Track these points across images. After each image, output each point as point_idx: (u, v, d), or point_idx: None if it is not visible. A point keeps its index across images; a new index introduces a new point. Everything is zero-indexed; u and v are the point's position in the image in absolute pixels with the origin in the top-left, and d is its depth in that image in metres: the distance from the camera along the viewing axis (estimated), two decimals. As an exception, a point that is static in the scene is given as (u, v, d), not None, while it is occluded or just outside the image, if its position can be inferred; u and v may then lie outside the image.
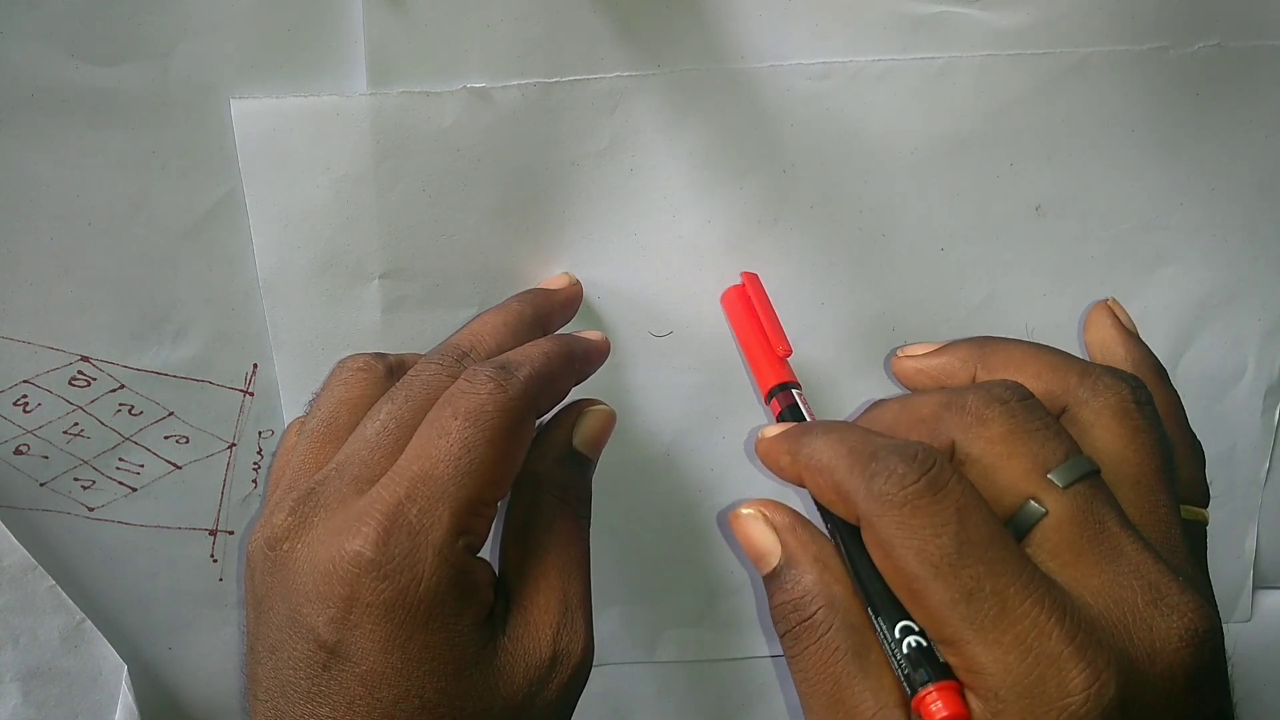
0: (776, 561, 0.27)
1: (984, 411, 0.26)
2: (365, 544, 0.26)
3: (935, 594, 0.23)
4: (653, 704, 0.46)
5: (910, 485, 0.23)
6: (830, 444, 0.26)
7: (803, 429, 0.28)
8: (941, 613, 0.23)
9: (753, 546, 0.27)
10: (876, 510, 0.24)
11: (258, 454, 0.40)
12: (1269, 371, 0.40)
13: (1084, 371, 0.28)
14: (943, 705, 0.23)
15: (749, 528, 0.28)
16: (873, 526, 0.24)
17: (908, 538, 0.23)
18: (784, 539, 0.27)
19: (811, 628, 0.25)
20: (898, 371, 0.33)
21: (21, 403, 0.37)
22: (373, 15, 0.32)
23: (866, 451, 0.25)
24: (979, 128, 0.35)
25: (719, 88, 0.34)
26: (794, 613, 0.26)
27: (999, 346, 0.31)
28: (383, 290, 0.36)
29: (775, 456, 0.28)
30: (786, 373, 0.33)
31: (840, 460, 0.25)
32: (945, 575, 0.23)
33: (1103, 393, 0.28)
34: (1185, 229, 0.37)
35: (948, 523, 0.23)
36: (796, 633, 0.26)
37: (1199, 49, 0.34)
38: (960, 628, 0.22)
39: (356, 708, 0.26)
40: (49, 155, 0.33)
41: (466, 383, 0.28)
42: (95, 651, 0.41)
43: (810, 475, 0.26)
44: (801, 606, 0.26)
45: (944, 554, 0.23)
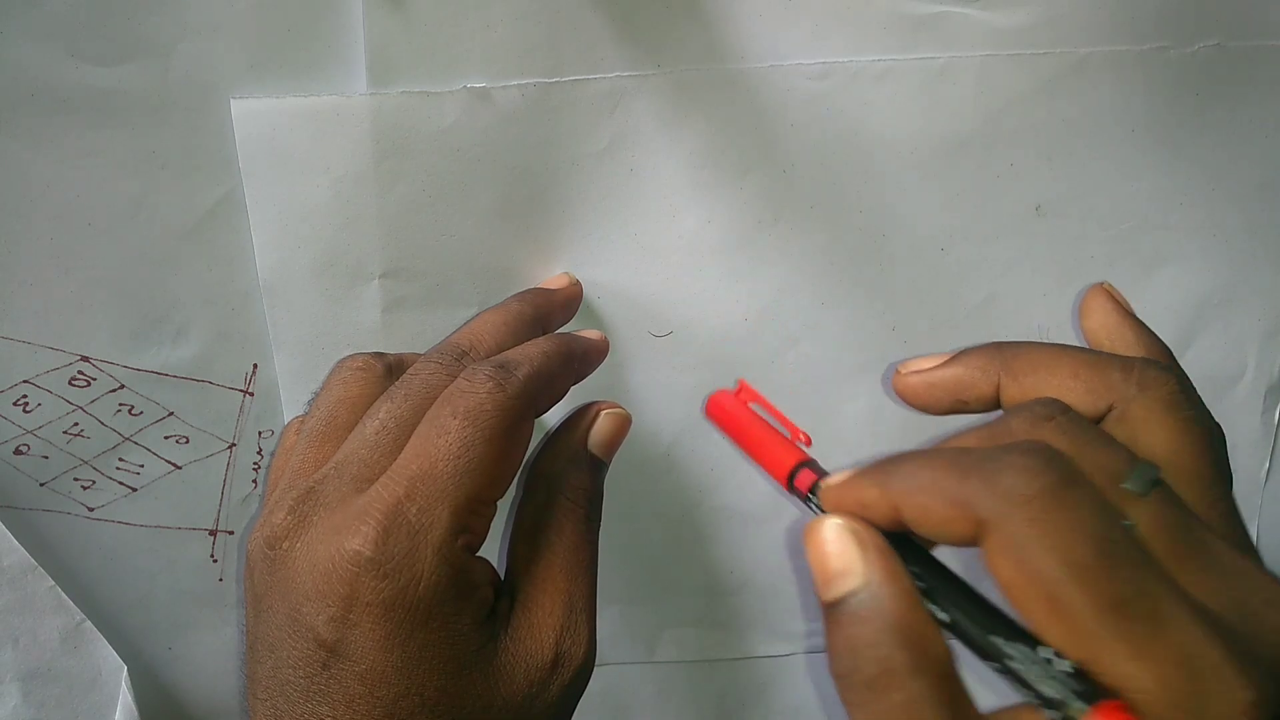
0: (854, 584, 0.22)
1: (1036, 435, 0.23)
2: (364, 543, 0.26)
3: (1081, 602, 0.20)
4: (653, 704, 0.46)
5: (1043, 478, 0.21)
6: (929, 461, 0.23)
7: (882, 462, 0.24)
8: (1088, 624, 0.20)
9: (829, 562, 0.23)
10: (1004, 510, 0.21)
11: (258, 454, 0.40)
12: (1269, 371, 0.40)
13: (1125, 367, 0.26)
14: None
15: (832, 539, 0.23)
16: (1001, 530, 0.21)
17: (1047, 537, 0.20)
18: (871, 559, 0.22)
19: (896, 676, 0.21)
20: (904, 389, 0.30)
21: (21, 403, 0.37)
22: (373, 15, 0.32)
23: (976, 456, 0.22)
24: (979, 128, 0.35)
25: (719, 88, 0.34)
26: (871, 650, 0.21)
27: (1022, 351, 0.28)
28: (383, 290, 0.36)
29: (856, 494, 0.24)
30: (802, 452, 0.29)
31: (948, 472, 0.22)
32: (1092, 580, 0.20)
33: (1150, 387, 0.26)
34: (1185, 229, 0.37)
35: (1088, 520, 0.20)
36: (871, 681, 0.21)
37: (1199, 49, 0.34)
38: (1110, 641, 0.20)
39: (356, 706, 0.26)
40: (49, 155, 0.33)
41: (466, 382, 0.28)
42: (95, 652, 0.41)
43: (911, 498, 0.22)
44: (880, 644, 0.21)
45: (1090, 556, 0.20)
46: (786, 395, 0.39)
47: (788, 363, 0.39)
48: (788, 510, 0.41)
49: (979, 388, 0.28)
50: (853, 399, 0.39)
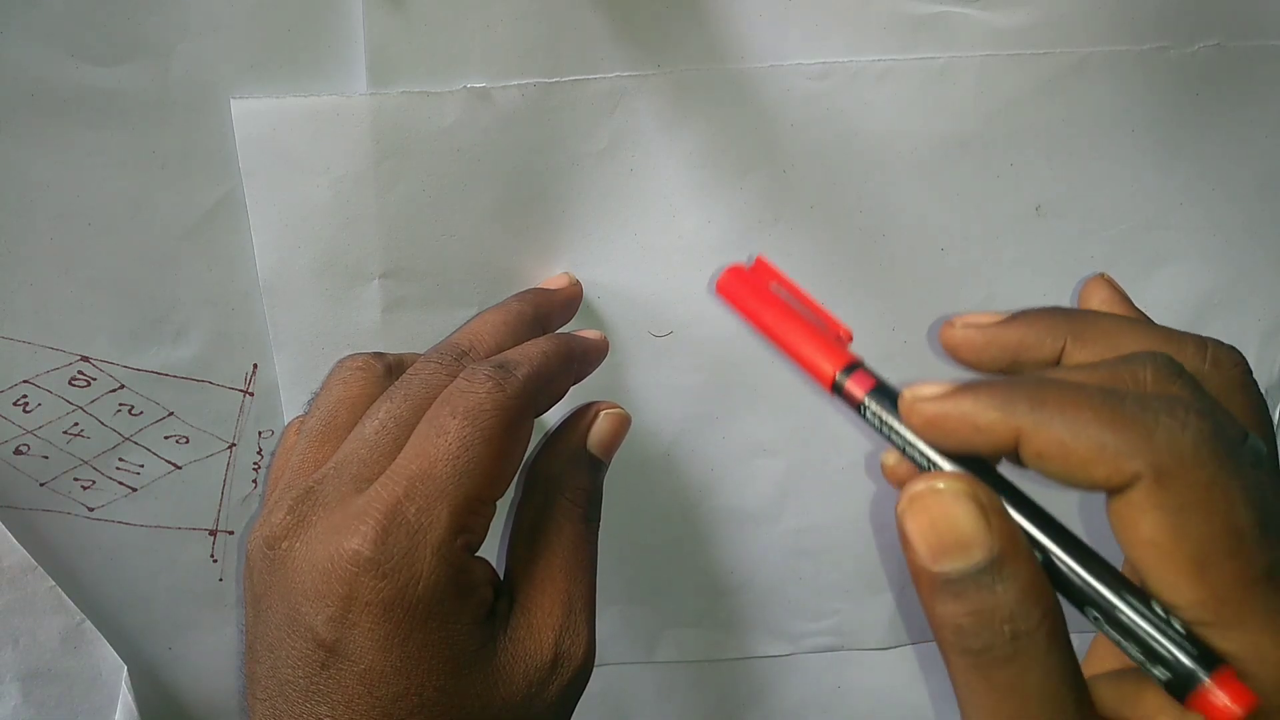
0: (983, 556, 0.21)
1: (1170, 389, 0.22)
2: (364, 542, 0.26)
3: (1232, 568, 0.20)
4: (653, 704, 0.46)
5: (1214, 440, 0.20)
6: (1076, 396, 0.21)
7: (999, 384, 0.22)
8: (1234, 591, 0.20)
9: (950, 531, 0.21)
10: (1169, 466, 0.20)
11: (258, 454, 0.40)
12: (1269, 371, 0.40)
13: (1197, 344, 0.25)
14: (1232, 696, 0.19)
15: (951, 507, 0.21)
16: (1164, 489, 0.20)
17: (1212, 500, 0.20)
18: (995, 524, 0.21)
19: (1034, 643, 0.20)
20: (960, 342, 0.27)
21: (21, 403, 0.37)
22: (373, 15, 0.32)
23: (1133, 404, 0.21)
24: (979, 128, 0.35)
25: (719, 88, 0.34)
26: (1007, 623, 0.20)
27: (1090, 320, 0.26)
28: (383, 290, 0.36)
29: (970, 415, 0.22)
30: (848, 354, 0.26)
31: (1097, 409, 0.21)
32: (1248, 548, 0.20)
33: (1224, 366, 0.25)
34: (1185, 229, 0.37)
35: (1252, 488, 0.20)
36: (1010, 651, 0.20)
37: (1199, 49, 0.34)
38: (1250, 608, 0.19)
39: (355, 706, 0.26)
40: (49, 155, 0.33)
41: (465, 382, 0.28)
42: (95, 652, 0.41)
43: (1047, 430, 0.21)
44: (1020, 616, 0.20)
45: (1249, 523, 0.20)
46: (786, 395, 0.39)
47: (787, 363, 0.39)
48: (788, 510, 0.41)
49: (1042, 350, 0.26)
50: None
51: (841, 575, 0.43)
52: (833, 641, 0.45)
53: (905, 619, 0.44)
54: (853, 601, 0.43)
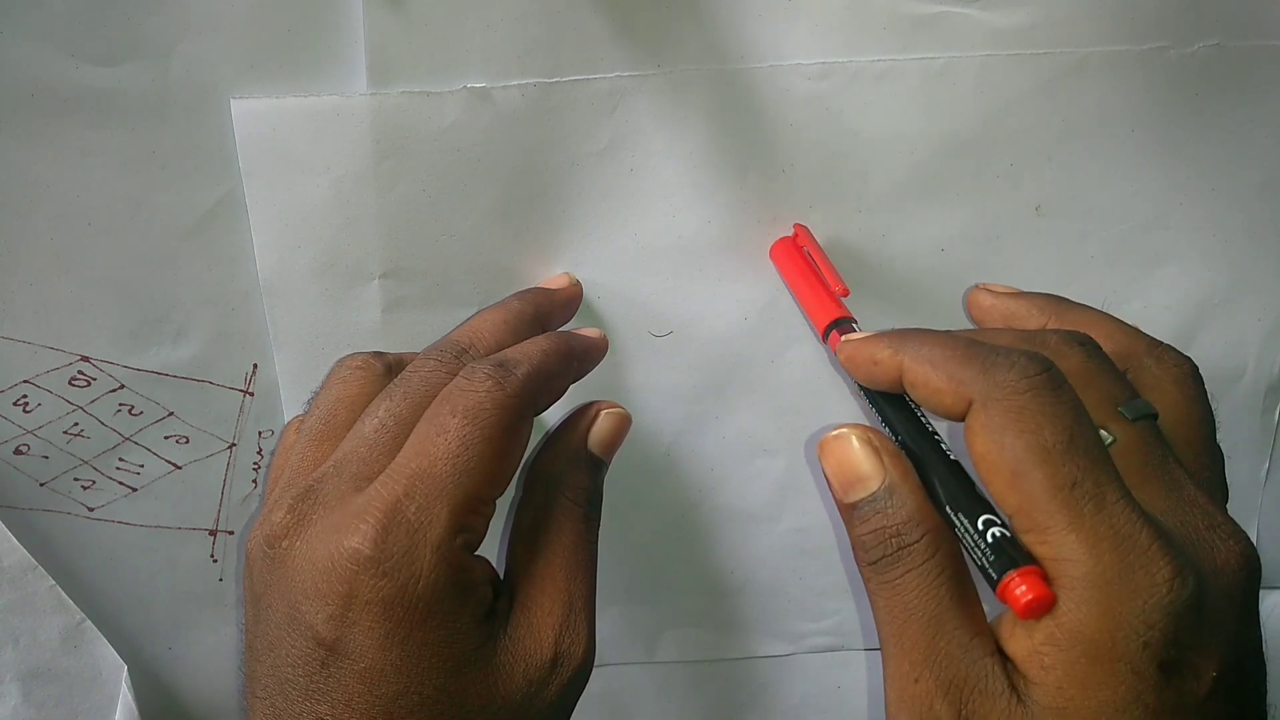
0: (877, 485, 0.27)
1: (1063, 348, 0.28)
2: (364, 541, 0.26)
3: (1039, 481, 0.23)
4: (653, 704, 0.46)
5: (1033, 376, 0.24)
6: (942, 339, 0.27)
7: (902, 330, 0.28)
8: (1041, 499, 0.23)
9: (852, 469, 0.27)
10: (996, 395, 0.24)
11: (258, 454, 0.40)
12: (1269, 371, 0.40)
13: (1152, 344, 0.31)
14: (1028, 589, 0.23)
15: (849, 449, 0.27)
16: (987, 411, 0.25)
17: (1025, 423, 0.24)
18: (887, 462, 0.27)
19: (914, 553, 0.26)
20: (974, 301, 0.35)
21: (21, 403, 0.37)
22: (373, 15, 0.32)
23: (984, 348, 0.26)
24: (979, 128, 0.35)
25: (719, 88, 0.34)
26: (895, 538, 0.26)
27: (1074, 307, 0.33)
28: (383, 290, 0.36)
29: (870, 351, 0.28)
30: (843, 309, 0.33)
31: (955, 352, 0.26)
32: (1053, 463, 0.23)
33: (1167, 363, 0.30)
34: (1185, 229, 0.37)
35: (1063, 416, 0.24)
36: (895, 559, 0.26)
37: (1199, 49, 0.34)
38: (1057, 515, 0.23)
39: (355, 705, 0.26)
40: (49, 155, 0.33)
41: (465, 380, 0.28)
42: (95, 651, 0.41)
43: (916, 365, 0.27)
44: (905, 532, 0.26)
45: (1056, 443, 0.24)
46: (786, 395, 0.39)
47: (788, 363, 0.39)
48: (788, 510, 0.41)
49: (1028, 321, 0.33)
50: (852, 399, 0.39)
51: (841, 575, 0.43)
52: (833, 641, 0.45)
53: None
54: (853, 601, 0.43)
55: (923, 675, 0.25)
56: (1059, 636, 0.23)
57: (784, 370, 0.39)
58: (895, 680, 0.26)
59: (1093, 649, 0.23)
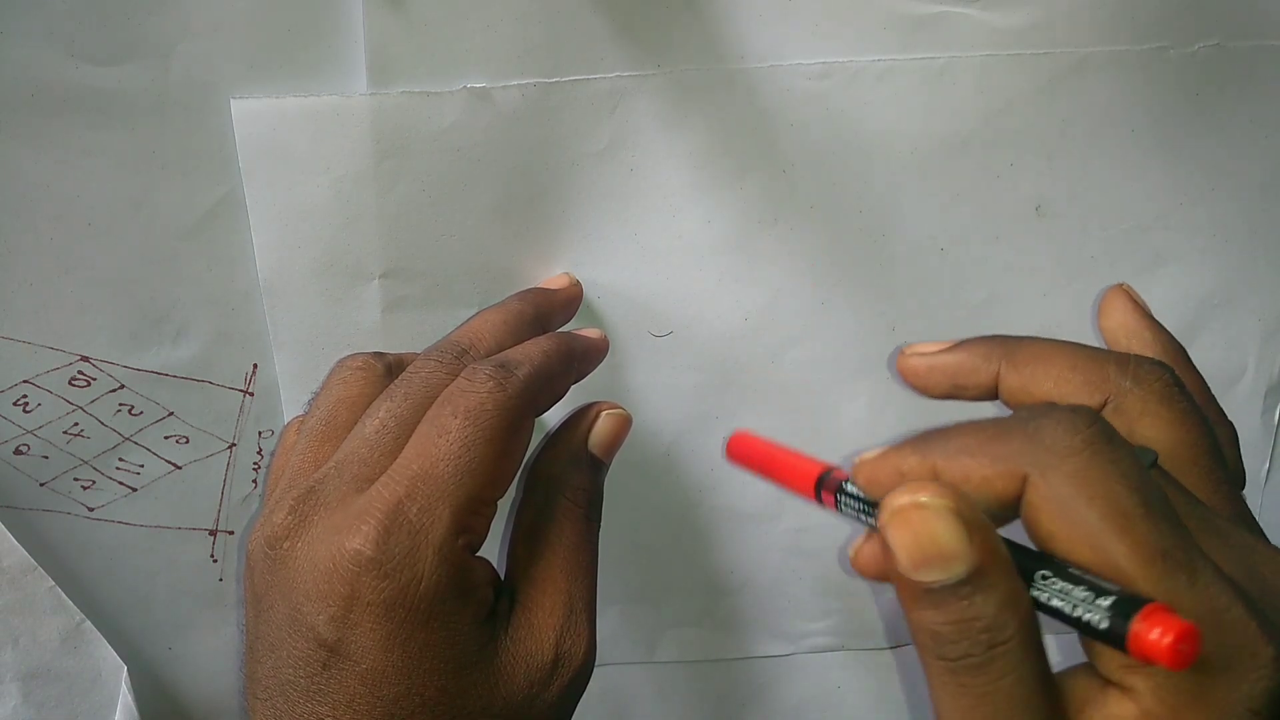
0: (964, 569, 0.21)
1: None
2: (365, 542, 0.26)
3: (1125, 552, 0.20)
4: (653, 704, 0.46)
5: (1086, 431, 0.21)
6: (966, 427, 0.23)
7: (915, 436, 0.24)
8: (1130, 571, 0.20)
9: (934, 546, 0.21)
10: (1050, 462, 0.21)
11: (258, 454, 0.40)
12: (1269, 371, 0.40)
13: (1120, 361, 0.27)
14: (1164, 631, 0.19)
15: (934, 524, 0.21)
16: (1048, 482, 0.21)
17: (1094, 488, 0.21)
18: (977, 539, 0.21)
19: (1009, 654, 0.21)
20: (906, 369, 0.30)
21: (21, 403, 0.37)
22: (373, 15, 0.32)
23: (1016, 418, 0.22)
24: (979, 128, 0.35)
25: (719, 88, 0.34)
26: (985, 633, 0.21)
27: (1024, 344, 0.28)
28: (383, 290, 0.36)
29: (894, 465, 0.24)
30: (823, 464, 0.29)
31: (988, 431, 0.22)
32: (1137, 530, 0.20)
33: (1145, 380, 0.26)
34: (1185, 229, 0.37)
35: (1130, 473, 0.21)
36: (986, 660, 0.21)
37: (1199, 49, 0.34)
38: (1151, 589, 0.20)
39: (356, 706, 0.26)
40: (49, 155, 0.33)
41: (466, 381, 0.28)
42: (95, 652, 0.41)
43: (953, 460, 0.23)
44: (998, 626, 0.21)
45: (1134, 506, 0.21)
46: (786, 395, 0.39)
47: (788, 363, 0.39)
48: (788, 510, 0.41)
49: (978, 375, 0.29)
50: (852, 399, 0.39)
51: (841, 575, 0.43)
52: (833, 641, 0.45)
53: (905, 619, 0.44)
54: (853, 601, 0.43)
55: None
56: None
57: (784, 370, 0.39)
58: None
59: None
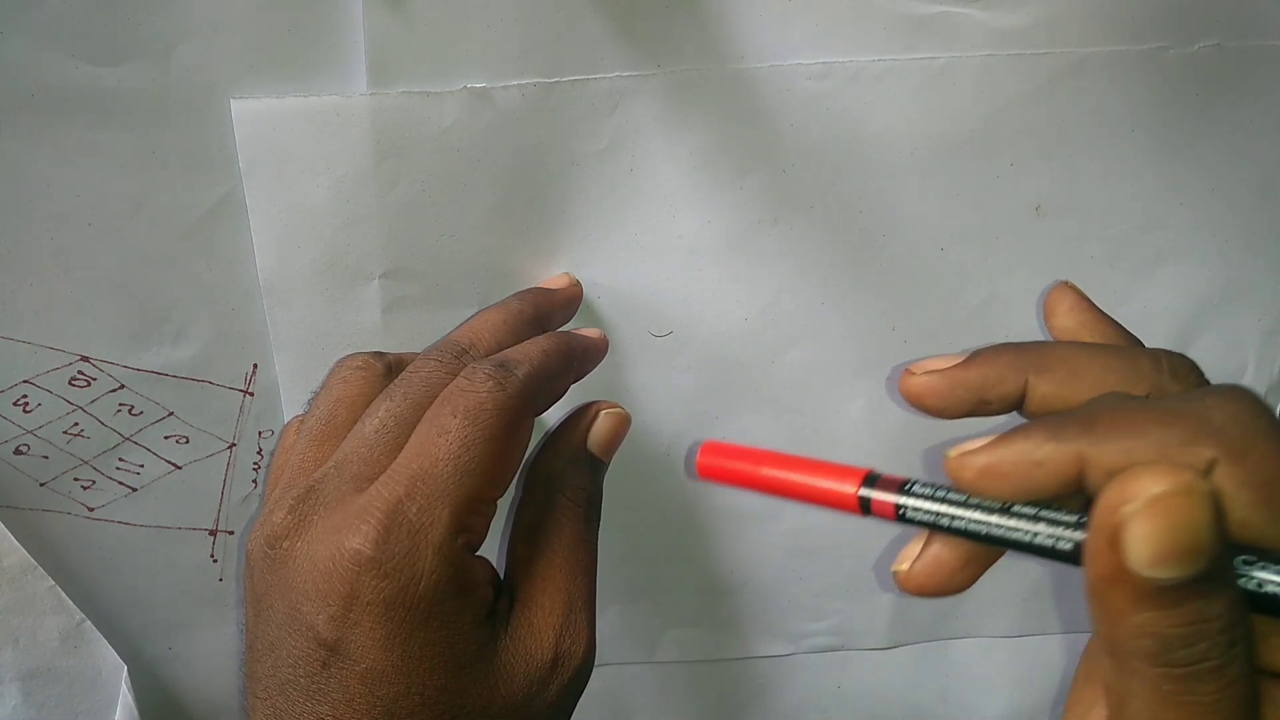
0: (1206, 565, 0.18)
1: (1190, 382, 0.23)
2: (365, 542, 0.26)
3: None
4: (653, 704, 0.46)
5: (1266, 411, 0.20)
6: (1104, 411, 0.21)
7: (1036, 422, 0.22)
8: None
9: (1192, 537, 0.18)
10: (1246, 442, 0.19)
11: (258, 454, 0.40)
12: (1269, 371, 0.40)
13: (1153, 356, 0.25)
14: None
15: (1198, 512, 0.18)
16: (1244, 464, 0.19)
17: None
18: (1220, 534, 0.19)
19: (1244, 656, 0.19)
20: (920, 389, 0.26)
21: (21, 403, 0.37)
22: (373, 15, 0.32)
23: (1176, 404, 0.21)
24: (979, 128, 0.35)
25: (719, 88, 0.34)
26: (1224, 633, 0.19)
27: (1048, 350, 0.25)
28: (383, 290, 0.36)
29: (1026, 453, 0.21)
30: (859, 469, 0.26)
31: (1144, 415, 0.20)
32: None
33: (1181, 374, 0.24)
34: (1185, 229, 0.37)
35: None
36: (1223, 664, 0.19)
37: (1199, 49, 0.34)
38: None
39: (356, 705, 0.26)
40: (49, 155, 0.33)
41: (466, 381, 0.28)
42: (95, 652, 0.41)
43: (1109, 445, 0.20)
44: (1235, 625, 0.19)
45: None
46: (786, 395, 0.39)
47: (788, 363, 0.39)
48: (788, 510, 0.41)
49: (1006, 385, 0.25)
50: (852, 399, 0.39)
51: (841, 575, 0.43)
52: (833, 641, 0.45)
53: (905, 619, 0.44)
54: (853, 601, 0.43)
55: None
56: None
57: (784, 370, 0.39)
58: None
59: None
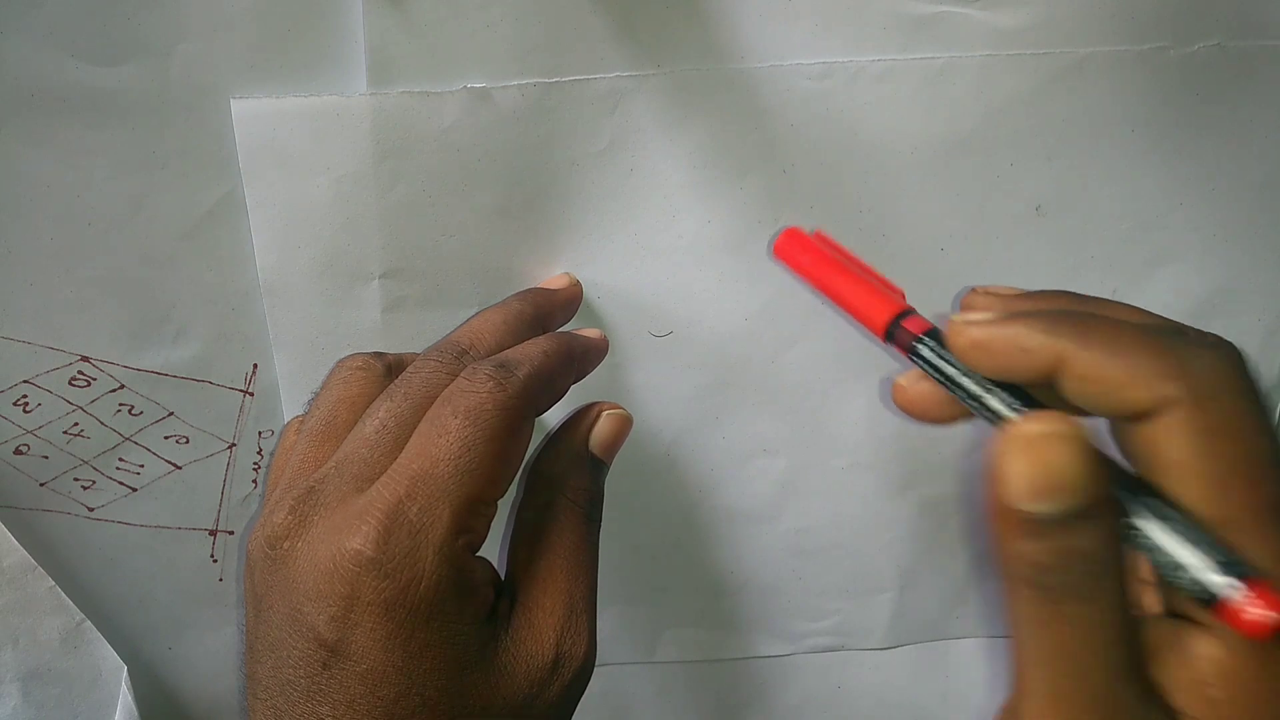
0: (1080, 501, 0.20)
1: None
2: (366, 542, 0.26)
3: (1248, 494, 0.20)
4: (653, 704, 0.46)
5: (1240, 372, 0.21)
6: (1104, 322, 0.22)
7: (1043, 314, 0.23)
8: (1247, 516, 0.20)
9: (1052, 476, 0.20)
10: (1208, 392, 0.21)
11: (258, 454, 0.40)
12: (1269, 371, 0.40)
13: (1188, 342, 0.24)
14: (1267, 605, 0.19)
15: (1061, 456, 0.20)
16: (1203, 411, 0.21)
17: (1240, 427, 0.21)
18: (1095, 473, 0.20)
19: (1108, 584, 0.21)
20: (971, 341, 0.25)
21: (21, 403, 0.37)
22: (373, 15, 0.32)
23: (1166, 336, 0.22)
24: (979, 128, 0.35)
25: (719, 88, 0.34)
26: (1086, 562, 0.21)
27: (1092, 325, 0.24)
28: (383, 290, 0.36)
29: (1016, 338, 0.23)
30: (903, 300, 0.27)
31: (1138, 338, 0.21)
32: (1267, 474, 0.20)
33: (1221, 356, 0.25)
34: (1185, 229, 0.37)
35: (1271, 424, 0.21)
36: (1081, 587, 0.21)
37: (1199, 49, 0.34)
38: (1264, 536, 0.20)
39: (357, 706, 0.26)
40: (49, 155, 0.33)
41: (466, 381, 0.28)
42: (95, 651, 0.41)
43: (1087, 352, 0.22)
44: (1102, 557, 0.21)
45: (1271, 451, 0.20)
46: (786, 395, 0.39)
47: (787, 363, 0.39)
48: (788, 510, 0.41)
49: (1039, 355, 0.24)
50: (852, 399, 0.39)
51: (841, 575, 0.43)
52: (833, 641, 0.45)
53: (905, 619, 0.44)
54: (853, 601, 0.43)
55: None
56: (1232, 670, 0.21)
57: (784, 370, 0.39)
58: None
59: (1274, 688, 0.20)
